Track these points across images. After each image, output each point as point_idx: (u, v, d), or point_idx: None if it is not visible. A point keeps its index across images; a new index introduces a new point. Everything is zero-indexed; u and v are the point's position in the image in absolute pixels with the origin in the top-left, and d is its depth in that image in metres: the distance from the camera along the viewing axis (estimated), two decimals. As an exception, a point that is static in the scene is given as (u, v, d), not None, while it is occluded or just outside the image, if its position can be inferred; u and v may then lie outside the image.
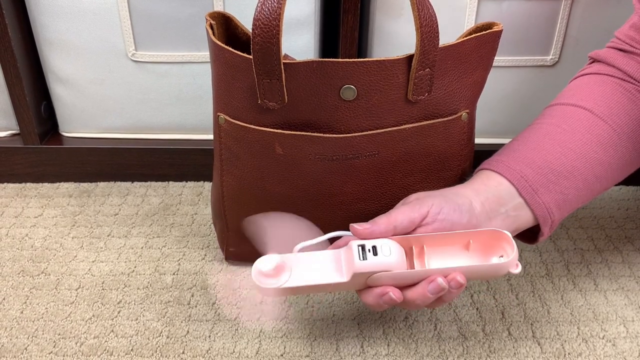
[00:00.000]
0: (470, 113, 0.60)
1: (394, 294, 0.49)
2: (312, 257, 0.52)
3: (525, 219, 0.55)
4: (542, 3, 0.77)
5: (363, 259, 0.49)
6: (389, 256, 0.49)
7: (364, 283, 0.51)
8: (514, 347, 0.60)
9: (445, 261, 0.52)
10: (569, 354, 0.59)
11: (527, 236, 0.59)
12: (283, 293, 0.51)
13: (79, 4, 0.77)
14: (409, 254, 0.52)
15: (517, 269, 0.50)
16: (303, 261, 0.52)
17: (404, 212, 0.52)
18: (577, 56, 0.81)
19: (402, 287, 0.50)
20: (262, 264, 0.50)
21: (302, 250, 0.52)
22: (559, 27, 0.79)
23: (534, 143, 0.57)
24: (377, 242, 0.50)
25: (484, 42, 0.56)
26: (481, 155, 0.61)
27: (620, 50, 0.60)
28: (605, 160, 0.56)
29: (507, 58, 0.81)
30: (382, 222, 0.51)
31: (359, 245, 0.50)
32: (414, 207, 0.52)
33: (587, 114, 0.57)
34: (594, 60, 0.63)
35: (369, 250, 0.49)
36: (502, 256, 0.52)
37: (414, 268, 0.52)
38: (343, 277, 0.50)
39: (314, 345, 0.60)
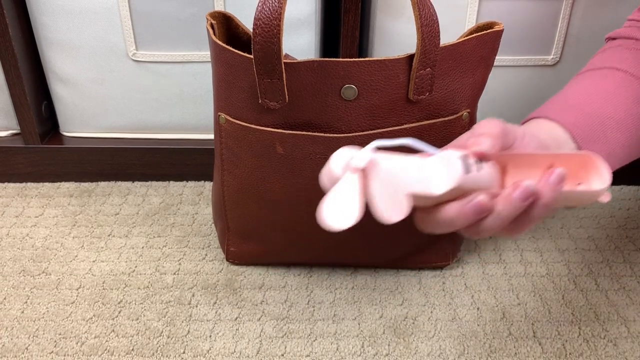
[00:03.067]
0: (471, 113, 0.60)
1: (486, 198, 0.42)
2: (404, 161, 0.44)
3: None
4: (543, 2, 0.77)
5: (468, 173, 0.43)
6: (490, 174, 0.44)
7: (444, 200, 0.44)
8: (514, 347, 0.60)
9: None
10: (570, 353, 0.59)
11: None
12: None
13: (79, 3, 0.77)
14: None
15: (607, 198, 0.47)
16: (395, 163, 0.43)
17: (507, 134, 0.46)
18: (578, 56, 0.81)
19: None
20: (354, 155, 0.42)
21: (378, 149, 0.43)
22: (560, 26, 0.79)
23: (581, 95, 0.55)
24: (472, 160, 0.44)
25: (485, 41, 0.56)
26: (482, 155, 0.61)
27: None
28: None
29: (508, 58, 0.81)
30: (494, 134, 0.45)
31: (463, 156, 0.43)
32: (509, 128, 0.47)
33: (623, 74, 0.56)
34: (613, 39, 0.61)
35: (472, 164, 0.43)
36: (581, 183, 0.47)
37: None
38: (440, 189, 0.43)
39: (315, 345, 0.60)
